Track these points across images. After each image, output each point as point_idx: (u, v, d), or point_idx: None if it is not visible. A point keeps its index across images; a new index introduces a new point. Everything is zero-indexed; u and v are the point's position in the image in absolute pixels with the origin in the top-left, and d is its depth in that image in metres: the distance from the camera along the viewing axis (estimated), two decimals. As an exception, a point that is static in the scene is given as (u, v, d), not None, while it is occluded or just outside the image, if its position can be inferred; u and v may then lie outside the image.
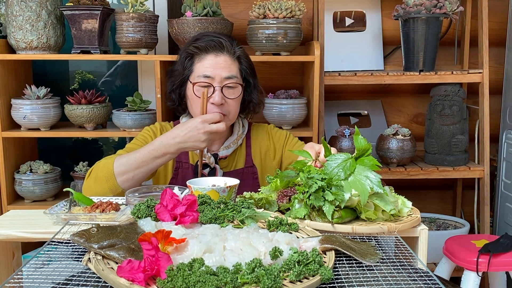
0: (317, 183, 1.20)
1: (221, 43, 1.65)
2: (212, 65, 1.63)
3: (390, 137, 2.43)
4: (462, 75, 2.42)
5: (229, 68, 1.64)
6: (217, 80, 1.62)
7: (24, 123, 2.27)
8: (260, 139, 1.80)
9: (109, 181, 1.52)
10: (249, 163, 1.76)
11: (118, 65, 2.83)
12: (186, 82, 1.68)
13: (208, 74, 1.62)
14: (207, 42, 1.65)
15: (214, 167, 1.70)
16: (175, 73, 1.71)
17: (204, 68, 1.63)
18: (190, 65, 1.66)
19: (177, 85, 1.69)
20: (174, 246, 0.96)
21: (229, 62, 1.65)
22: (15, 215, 1.40)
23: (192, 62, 1.66)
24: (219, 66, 1.63)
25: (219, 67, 1.62)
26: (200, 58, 1.65)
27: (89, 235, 1.00)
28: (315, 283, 0.90)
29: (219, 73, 1.62)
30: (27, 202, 2.36)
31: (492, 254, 2.03)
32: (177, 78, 1.69)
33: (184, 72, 1.67)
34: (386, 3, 2.67)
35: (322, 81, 2.37)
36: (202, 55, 1.65)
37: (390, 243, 1.18)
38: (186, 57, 1.67)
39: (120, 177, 1.52)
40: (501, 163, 2.63)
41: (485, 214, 2.48)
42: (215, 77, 1.62)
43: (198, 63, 1.65)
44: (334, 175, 1.25)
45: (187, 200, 1.13)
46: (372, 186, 1.22)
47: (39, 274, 0.94)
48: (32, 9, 2.21)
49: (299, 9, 2.24)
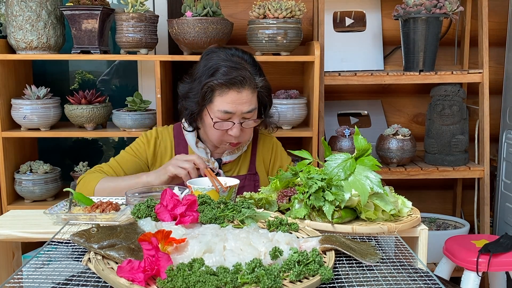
0: (317, 183, 1.20)
1: (243, 78, 1.57)
2: (234, 101, 1.58)
3: (390, 137, 2.43)
4: (462, 75, 2.42)
5: (250, 102, 1.60)
6: (237, 115, 1.59)
7: (24, 123, 2.27)
8: (266, 150, 1.81)
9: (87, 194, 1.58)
10: (252, 170, 1.76)
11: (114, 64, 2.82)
12: (203, 110, 1.63)
13: (230, 110, 1.58)
14: (231, 77, 1.56)
15: (218, 172, 1.69)
16: (191, 99, 1.64)
17: (226, 104, 1.58)
18: (210, 97, 1.60)
19: (195, 111, 1.64)
20: (174, 246, 0.96)
21: (250, 96, 1.60)
22: (15, 215, 1.40)
23: (212, 95, 1.59)
24: (241, 102, 1.58)
25: (240, 103, 1.58)
26: (221, 92, 1.58)
27: (89, 235, 1.00)
28: (315, 283, 0.90)
29: (240, 109, 1.58)
30: (27, 202, 2.36)
31: (492, 254, 2.03)
32: (195, 107, 1.63)
33: (203, 102, 1.61)
34: (386, 3, 2.67)
35: (322, 81, 2.37)
36: (223, 90, 1.57)
37: (390, 243, 1.18)
38: (207, 90, 1.59)
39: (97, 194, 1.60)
40: (501, 163, 2.63)
41: (485, 214, 2.48)
42: (236, 113, 1.58)
43: (219, 96, 1.58)
44: (334, 175, 1.25)
45: (187, 200, 1.13)
46: (372, 186, 1.22)
47: (39, 274, 0.94)
48: (32, 9, 2.21)
49: (299, 9, 2.24)
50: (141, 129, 2.27)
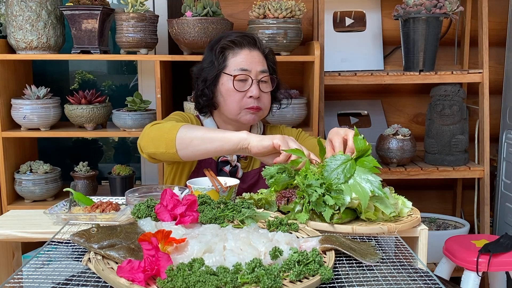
0: (317, 191, 1.19)
1: (254, 39, 1.69)
2: (247, 59, 1.65)
3: (390, 137, 2.43)
4: (462, 75, 2.42)
5: (262, 63, 1.68)
6: (254, 73, 1.65)
7: (24, 123, 2.27)
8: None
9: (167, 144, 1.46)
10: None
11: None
12: (219, 77, 1.67)
13: (245, 67, 1.64)
14: (241, 37, 1.67)
15: (236, 165, 1.71)
16: (206, 70, 1.69)
17: (240, 61, 1.65)
18: (224, 60, 1.67)
19: (211, 80, 1.67)
20: (174, 246, 0.96)
21: (261, 57, 1.69)
22: (15, 215, 1.40)
23: (225, 57, 1.67)
24: (254, 60, 1.66)
25: (254, 61, 1.66)
26: (234, 52, 1.67)
27: (89, 235, 1.00)
28: (315, 283, 0.90)
29: (254, 67, 1.65)
30: (27, 202, 2.36)
31: (492, 254, 2.03)
32: (210, 74, 1.67)
33: (219, 67, 1.66)
34: (386, 3, 2.67)
35: (322, 81, 2.37)
36: (236, 50, 1.67)
37: (390, 243, 1.18)
38: (220, 52, 1.67)
39: (180, 144, 1.45)
40: (501, 163, 2.63)
41: (485, 214, 2.48)
42: (252, 70, 1.65)
43: (232, 57, 1.66)
44: (334, 178, 1.24)
45: (187, 200, 1.13)
46: (372, 189, 1.21)
47: (39, 274, 0.94)
48: (32, 9, 2.21)
49: (299, 9, 2.24)
50: (141, 129, 2.27)
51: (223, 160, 1.71)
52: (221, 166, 1.70)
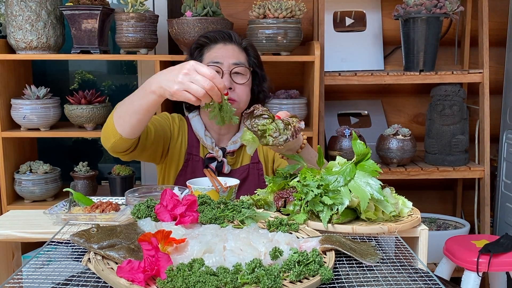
0: (314, 191, 1.19)
1: (229, 34, 1.74)
2: (221, 53, 1.69)
3: (390, 137, 2.42)
4: (462, 75, 2.42)
5: (237, 56, 1.71)
6: (226, 65, 1.68)
7: (24, 123, 2.27)
8: None
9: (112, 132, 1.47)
10: (254, 159, 1.78)
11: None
12: None
13: (217, 60, 1.68)
14: (216, 33, 1.73)
15: (222, 160, 1.72)
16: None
17: (214, 55, 1.69)
18: (200, 55, 1.73)
19: None
20: (174, 246, 0.96)
21: (237, 51, 1.72)
22: (15, 215, 1.39)
23: (202, 53, 1.73)
24: (227, 53, 1.69)
25: (227, 54, 1.69)
26: (209, 48, 1.72)
27: (89, 235, 1.00)
28: (315, 283, 0.90)
29: (227, 60, 1.68)
30: (27, 202, 2.36)
31: (492, 254, 2.03)
32: None
33: (195, 59, 1.69)
34: (386, 3, 2.67)
35: (322, 81, 2.37)
36: (211, 45, 1.72)
37: (390, 243, 1.18)
38: (196, 48, 1.74)
39: (118, 124, 1.44)
40: (502, 163, 2.63)
41: (486, 214, 2.48)
42: (224, 62, 1.68)
43: (207, 52, 1.71)
44: (333, 181, 1.23)
45: (187, 200, 1.13)
46: (372, 193, 1.20)
47: (39, 274, 0.94)
48: (32, 9, 2.20)
49: (299, 9, 2.24)
50: (141, 129, 2.27)
51: (209, 157, 1.72)
52: (207, 163, 1.71)
